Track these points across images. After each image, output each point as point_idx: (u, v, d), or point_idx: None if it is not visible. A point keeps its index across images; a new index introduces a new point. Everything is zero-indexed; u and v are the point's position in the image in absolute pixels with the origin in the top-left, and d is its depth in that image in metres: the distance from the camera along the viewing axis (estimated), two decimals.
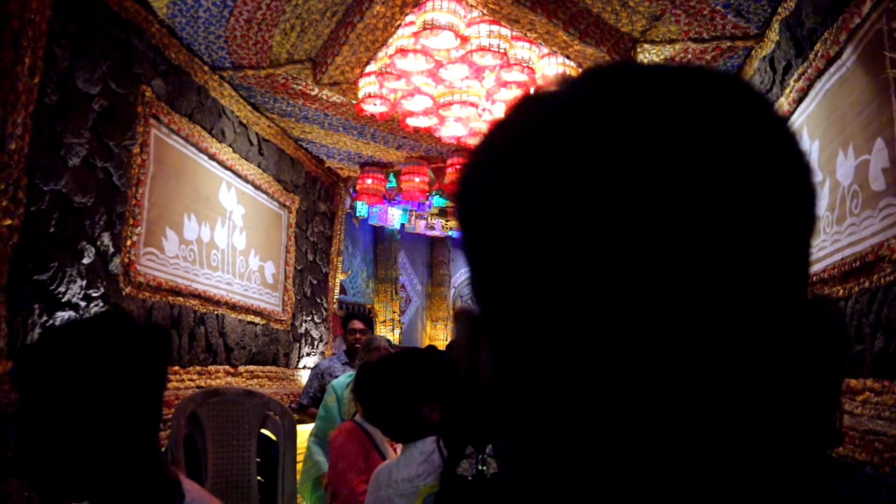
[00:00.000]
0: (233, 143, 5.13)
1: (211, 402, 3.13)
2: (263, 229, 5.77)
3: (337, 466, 2.67)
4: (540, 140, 0.36)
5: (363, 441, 2.68)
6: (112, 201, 3.80)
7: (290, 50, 4.50)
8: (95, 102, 3.66)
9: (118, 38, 3.83)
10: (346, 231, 9.85)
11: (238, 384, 5.13)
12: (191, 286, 4.58)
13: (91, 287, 3.60)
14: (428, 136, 5.81)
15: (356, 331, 5.31)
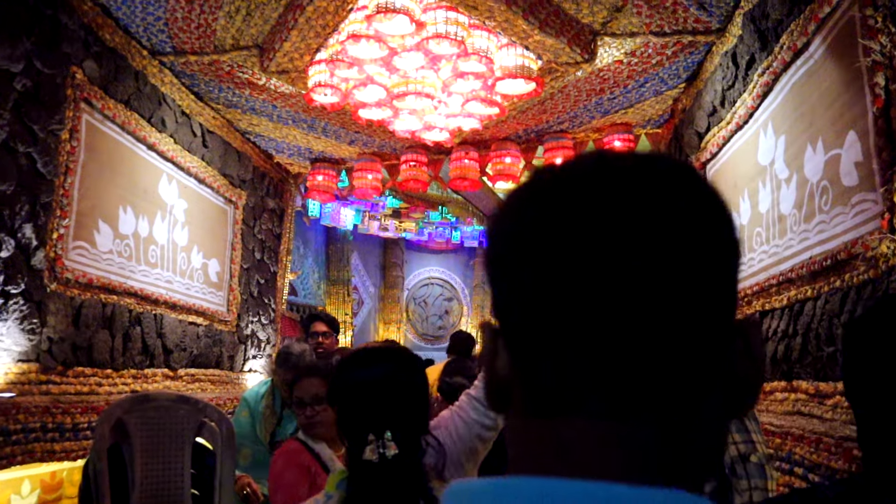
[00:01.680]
0: (174, 134, 4.85)
1: (140, 409, 2.87)
2: (208, 225, 5.49)
3: (275, 499, 2.42)
4: (544, 214, 0.52)
5: (308, 463, 2.41)
6: (36, 190, 3.50)
7: (235, 35, 4.24)
8: (17, 81, 3.36)
9: (43, 13, 3.54)
10: (298, 231, 9.58)
11: (178, 388, 4.84)
12: (126, 283, 4.29)
13: (10, 283, 3.31)
14: (382, 131, 5.60)
15: (319, 334, 4.82)
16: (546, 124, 5.55)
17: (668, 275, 0.49)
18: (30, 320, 3.45)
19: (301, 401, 2.63)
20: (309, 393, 2.61)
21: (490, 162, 5.95)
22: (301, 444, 2.55)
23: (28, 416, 3.19)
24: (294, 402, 2.68)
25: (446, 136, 4.99)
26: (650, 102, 5.06)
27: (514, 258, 0.53)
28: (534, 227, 0.52)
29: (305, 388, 2.63)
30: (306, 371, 2.74)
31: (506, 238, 0.55)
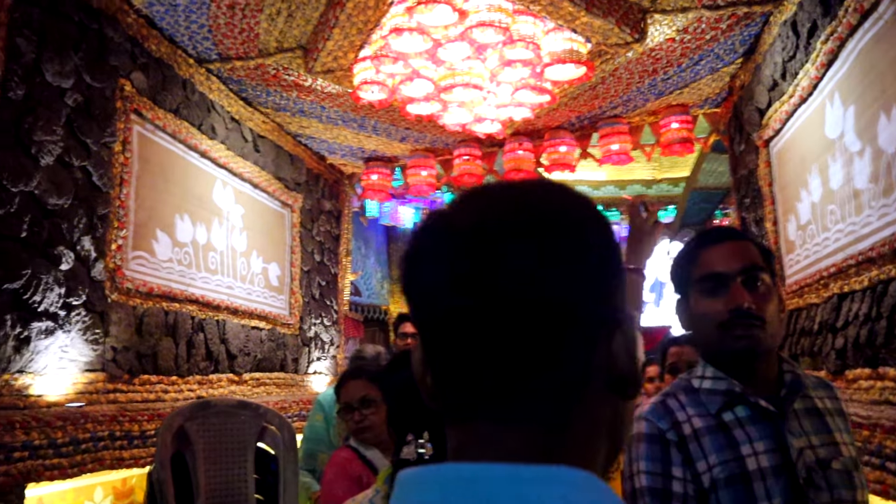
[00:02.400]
0: (225, 140, 4.88)
1: (201, 416, 2.87)
2: (265, 230, 5.52)
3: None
4: (422, 251, 0.64)
5: (358, 473, 2.32)
6: (93, 202, 3.55)
7: (278, 37, 4.23)
8: (68, 97, 3.41)
9: (90, 28, 3.58)
10: (358, 231, 9.60)
11: (243, 392, 4.88)
12: (187, 291, 4.33)
13: (71, 295, 3.36)
14: (432, 126, 5.53)
15: (408, 335, 4.44)
16: (599, 110, 5.39)
17: (507, 310, 0.57)
18: (93, 331, 3.50)
19: (348, 405, 2.52)
20: (355, 396, 2.50)
21: (545, 152, 5.82)
22: (352, 452, 2.47)
23: (96, 425, 3.23)
24: (341, 407, 2.57)
25: (498, 127, 4.89)
26: (706, 81, 4.85)
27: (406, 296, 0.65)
28: (407, 272, 0.65)
29: (351, 392, 2.53)
30: (351, 373, 2.63)
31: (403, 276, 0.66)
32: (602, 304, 0.61)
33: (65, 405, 3.24)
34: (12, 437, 2.75)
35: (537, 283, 0.56)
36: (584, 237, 0.60)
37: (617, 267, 0.64)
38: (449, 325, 0.59)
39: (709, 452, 1.38)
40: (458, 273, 0.58)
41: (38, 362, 3.15)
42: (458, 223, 0.60)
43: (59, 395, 3.25)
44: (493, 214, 0.59)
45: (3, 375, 2.98)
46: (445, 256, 0.59)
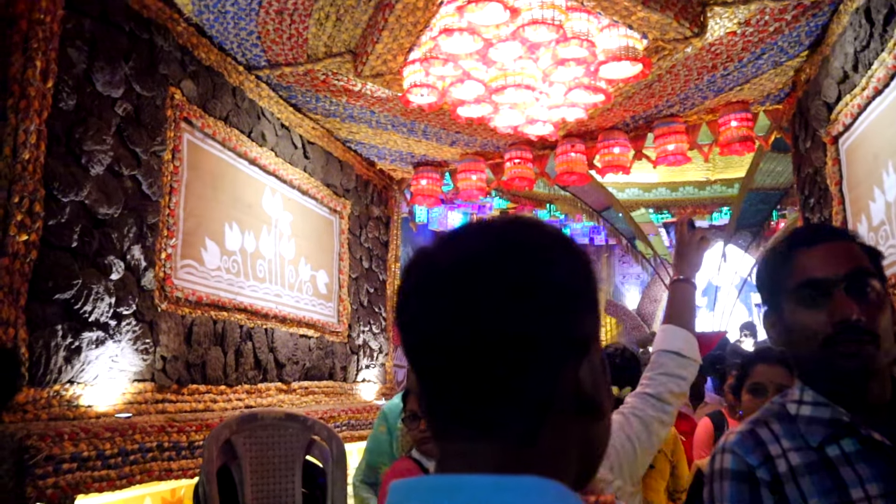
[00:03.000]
0: (275, 147, 4.85)
1: (248, 429, 2.81)
2: (314, 237, 5.48)
3: None
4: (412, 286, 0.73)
5: None
6: (142, 212, 3.53)
7: (327, 42, 4.18)
8: (118, 106, 3.40)
9: (140, 37, 3.57)
10: (406, 238, 9.54)
11: (292, 402, 4.83)
12: (235, 300, 4.30)
13: (121, 304, 3.34)
14: (482, 129, 5.43)
15: None
16: (655, 109, 5.21)
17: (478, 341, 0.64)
18: (143, 340, 3.48)
19: (413, 414, 2.43)
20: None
21: (598, 153, 5.66)
22: (414, 464, 2.36)
23: (144, 436, 3.20)
24: (406, 416, 2.48)
25: (550, 128, 4.76)
26: (768, 76, 4.64)
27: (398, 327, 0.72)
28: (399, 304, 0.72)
29: (416, 400, 2.42)
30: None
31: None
32: (568, 335, 0.68)
33: (114, 416, 3.22)
34: (61, 449, 2.72)
35: (504, 317, 0.64)
36: (551, 274, 0.67)
37: (586, 298, 0.71)
38: (430, 353, 0.68)
39: (809, 495, 1.17)
40: (437, 308, 0.66)
41: (88, 372, 3.14)
42: (439, 262, 0.69)
43: (109, 405, 3.24)
44: (468, 255, 0.68)
45: (53, 386, 2.97)
46: (426, 292, 0.68)
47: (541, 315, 0.65)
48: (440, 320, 0.66)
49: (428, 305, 0.68)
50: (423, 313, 0.68)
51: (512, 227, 0.71)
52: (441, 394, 0.68)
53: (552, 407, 0.66)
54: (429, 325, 0.67)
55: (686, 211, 11.19)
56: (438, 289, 0.67)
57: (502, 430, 0.65)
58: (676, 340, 1.81)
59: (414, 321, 0.69)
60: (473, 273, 0.66)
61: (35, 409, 2.86)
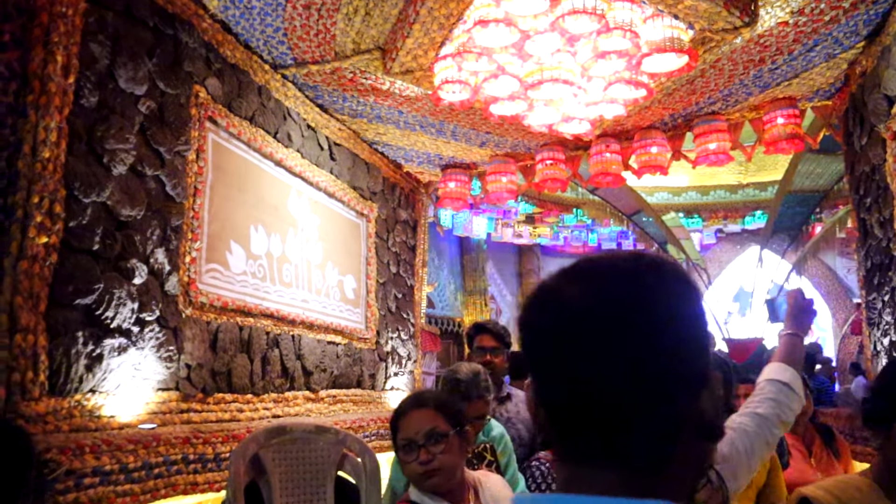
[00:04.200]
0: (301, 148, 4.71)
1: (276, 442, 2.65)
2: (340, 240, 5.33)
3: None
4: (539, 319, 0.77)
5: None
6: (166, 213, 3.40)
7: (355, 38, 4.03)
8: (141, 104, 3.27)
9: (164, 33, 3.45)
10: (432, 242, 9.40)
11: (320, 411, 4.68)
12: (261, 305, 4.15)
13: (144, 310, 3.20)
14: (514, 129, 5.26)
15: (487, 349, 3.81)
16: (695, 106, 5.01)
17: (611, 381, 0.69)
18: (167, 347, 3.34)
19: (410, 442, 1.97)
20: (420, 430, 1.96)
21: (634, 154, 5.46)
22: None
23: (169, 448, 3.05)
24: (399, 446, 2.02)
25: (587, 127, 4.57)
26: (819, 69, 4.42)
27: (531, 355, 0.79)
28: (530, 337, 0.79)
29: (414, 425, 1.99)
30: (412, 402, 2.08)
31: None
32: (695, 369, 0.72)
33: (137, 426, 3.07)
34: (82, 463, 2.58)
35: (636, 360, 0.68)
36: (684, 313, 0.72)
37: (703, 336, 0.74)
38: (567, 388, 0.71)
39: None
40: (577, 348, 0.70)
41: (110, 381, 3.00)
42: (574, 301, 0.73)
43: (132, 415, 3.10)
44: (606, 296, 0.71)
45: (74, 395, 2.83)
46: (560, 335, 0.72)
47: (675, 352, 0.70)
48: (578, 360, 0.70)
49: (567, 345, 0.72)
50: (562, 352, 0.72)
51: (642, 266, 0.75)
52: (574, 424, 0.72)
53: (679, 435, 0.70)
54: (568, 364, 0.71)
55: (718, 215, 10.95)
56: (578, 329, 0.71)
57: (632, 457, 0.70)
58: (785, 374, 1.91)
59: (550, 359, 0.74)
60: (600, 319, 0.70)
61: (55, 420, 2.72)
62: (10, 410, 2.56)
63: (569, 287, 0.75)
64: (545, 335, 0.74)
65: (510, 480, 2.91)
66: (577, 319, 0.71)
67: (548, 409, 0.76)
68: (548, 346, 0.74)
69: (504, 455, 3.05)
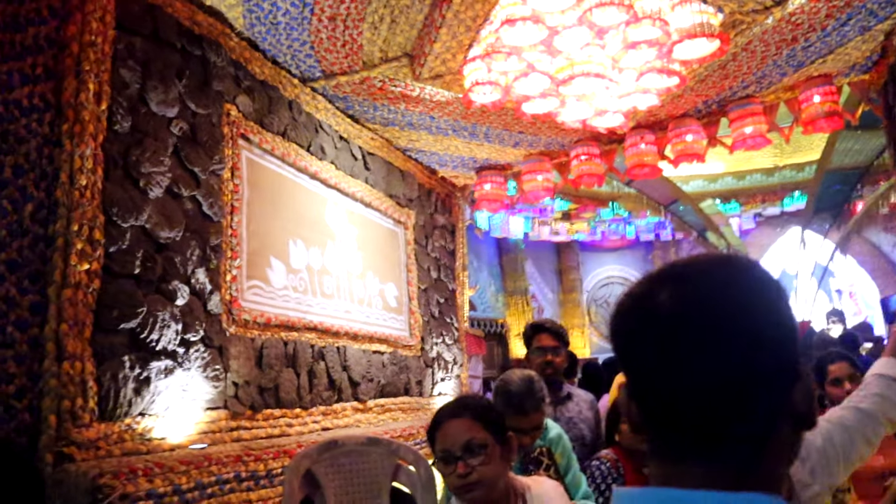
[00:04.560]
0: (334, 160, 4.71)
1: (328, 457, 2.63)
2: (379, 249, 5.32)
3: None
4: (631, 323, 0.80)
5: None
6: (204, 233, 3.41)
7: (382, 47, 4.01)
8: (174, 126, 3.29)
9: (192, 54, 3.47)
10: (470, 245, 9.36)
11: (368, 421, 4.66)
12: (305, 318, 4.15)
13: (188, 331, 3.21)
14: (547, 127, 5.19)
15: (547, 349, 3.64)
16: (729, 91, 4.89)
17: (707, 382, 0.72)
18: (213, 366, 3.35)
19: (448, 454, 1.87)
20: (457, 441, 1.85)
21: (669, 143, 5.36)
22: None
23: (221, 467, 3.05)
24: (438, 457, 1.92)
25: (620, 119, 4.49)
26: (854, 43, 4.27)
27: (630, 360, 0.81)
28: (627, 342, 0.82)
29: (451, 436, 1.88)
30: (448, 412, 1.96)
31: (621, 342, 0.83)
32: (788, 365, 0.75)
33: (188, 447, 3.08)
34: (136, 486, 2.59)
35: (730, 360, 0.71)
36: (776, 314, 0.74)
37: (792, 332, 0.75)
38: (660, 391, 0.74)
39: None
40: (665, 354, 0.73)
41: (158, 403, 3.02)
42: (661, 309, 0.74)
43: (183, 437, 3.11)
44: (686, 304, 0.74)
45: (124, 420, 2.85)
46: (653, 340, 0.74)
47: (767, 350, 0.72)
48: (673, 363, 0.72)
49: (661, 349, 0.74)
50: (657, 356, 0.74)
51: (729, 268, 0.78)
52: (670, 422, 0.75)
53: (775, 428, 0.74)
54: (662, 367, 0.73)
55: (755, 199, 10.73)
56: (671, 333, 0.73)
57: (730, 453, 0.72)
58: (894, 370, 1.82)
59: (645, 363, 0.76)
60: (705, 318, 0.72)
61: (107, 444, 2.74)
62: (62, 437, 2.58)
63: (659, 292, 0.76)
64: (638, 340, 0.77)
65: (571, 483, 2.81)
66: (669, 324, 0.73)
67: (643, 408, 0.78)
68: (642, 351, 0.76)
69: (563, 457, 2.91)
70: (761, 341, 0.72)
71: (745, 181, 10.29)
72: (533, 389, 2.71)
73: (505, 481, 1.90)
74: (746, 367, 0.71)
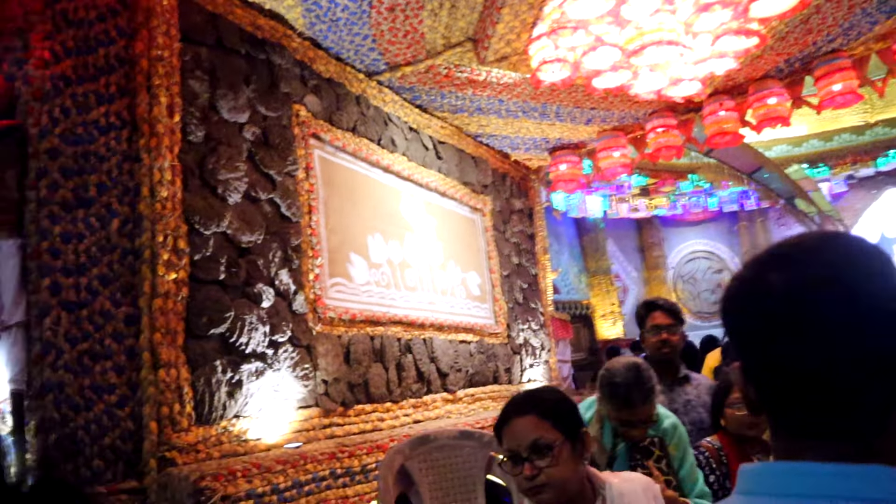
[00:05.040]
0: (406, 152, 4.69)
1: (421, 452, 2.61)
2: (458, 238, 5.28)
3: None
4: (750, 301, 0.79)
5: None
6: (285, 235, 3.44)
7: (444, 33, 3.96)
8: (246, 131, 3.33)
9: (258, 59, 3.50)
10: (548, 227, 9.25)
11: (459, 411, 4.64)
12: (389, 312, 4.16)
13: (276, 332, 3.25)
14: (620, 101, 5.04)
15: (662, 327, 3.36)
16: (813, 47, 4.63)
17: (821, 361, 0.72)
18: (302, 366, 3.38)
19: (514, 454, 1.69)
20: (523, 441, 1.67)
21: (750, 108, 5.12)
22: None
23: (316, 465, 3.08)
24: (505, 456, 1.73)
25: (697, 87, 4.31)
26: None
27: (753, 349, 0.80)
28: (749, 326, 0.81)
29: (517, 435, 1.69)
30: (514, 408, 1.75)
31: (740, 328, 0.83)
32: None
33: (283, 447, 3.12)
34: (236, 488, 2.63)
35: (847, 340, 0.71)
36: (880, 296, 0.73)
37: None
38: (776, 372, 0.76)
39: None
40: (781, 336, 0.74)
41: (252, 405, 3.06)
42: (774, 290, 0.76)
43: (278, 436, 3.15)
44: (800, 284, 0.74)
45: (221, 423, 2.91)
46: (768, 322, 0.76)
47: (884, 328, 0.71)
48: (789, 344, 0.73)
49: (776, 331, 0.74)
50: (772, 338, 0.75)
51: (837, 245, 0.78)
52: (787, 401, 0.76)
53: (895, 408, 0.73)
54: (778, 348, 0.74)
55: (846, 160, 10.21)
56: (786, 314, 0.74)
57: (850, 428, 0.73)
58: None
59: (761, 345, 0.77)
60: (820, 298, 0.73)
61: (206, 447, 2.80)
62: (164, 443, 2.65)
63: (770, 274, 0.77)
64: (752, 322, 0.77)
65: (686, 477, 2.55)
66: (784, 305, 0.74)
67: (759, 388, 0.79)
68: (756, 333, 0.77)
69: (677, 448, 2.61)
70: (875, 317, 0.71)
71: (833, 142, 9.79)
72: (641, 379, 2.40)
73: (580, 478, 1.75)
74: (862, 346, 0.71)
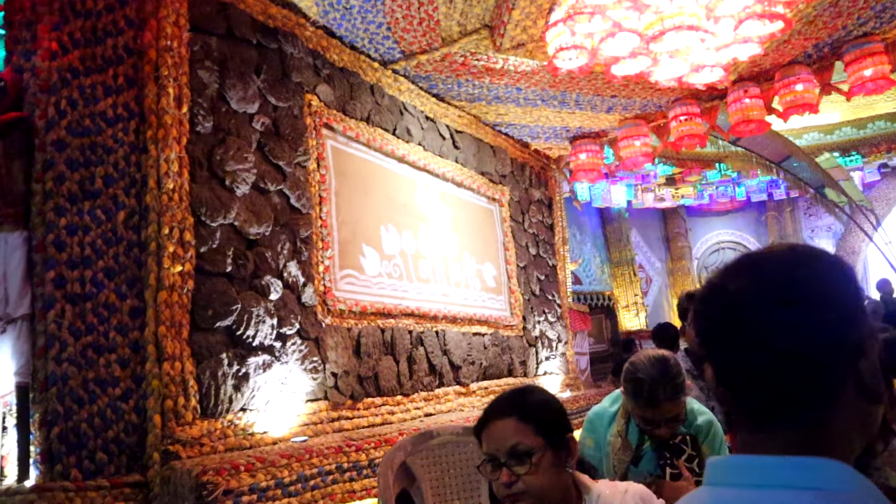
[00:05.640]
0: (422, 141, 4.63)
1: (423, 449, 2.56)
2: (474, 229, 5.22)
3: None
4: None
5: None
6: (294, 226, 3.41)
7: (459, 20, 3.88)
8: (256, 122, 3.29)
9: (269, 48, 3.45)
10: (571, 218, 9.12)
11: (472, 404, 4.59)
12: (401, 304, 4.11)
13: (284, 324, 3.22)
14: (641, 88, 4.93)
15: None
16: (843, 30, 4.48)
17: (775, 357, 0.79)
18: (310, 359, 3.35)
19: (493, 459, 1.62)
20: (501, 445, 1.61)
21: (776, 95, 4.98)
22: None
23: (322, 459, 3.05)
24: (483, 460, 1.67)
25: (720, 73, 4.19)
26: None
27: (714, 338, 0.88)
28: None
29: (498, 438, 1.63)
30: (494, 409, 1.68)
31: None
32: (845, 342, 0.80)
33: (290, 440, 3.10)
34: (238, 482, 2.61)
35: (796, 338, 0.78)
36: (828, 300, 0.80)
37: (857, 312, 0.83)
38: (737, 369, 0.83)
39: None
40: (740, 335, 0.82)
41: (258, 398, 3.04)
42: (733, 295, 0.84)
43: (285, 429, 3.13)
44: (755, 289, 0.82)
45: (226, 416, 2.89)
46: (728, 323, 0.83)
47: (830, 328, 0.78)
48: (746, 342, 0.80)
49: (735, 331, 0.81)
50: (733, 338, 0.82)
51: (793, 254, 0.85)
52: (748, 396, 0.82)
53: (839, 396, 0.79)
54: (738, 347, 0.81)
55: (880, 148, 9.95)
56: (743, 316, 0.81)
57: (797, 420, 0.79)
58: None
59: (724, 345, 0.83)
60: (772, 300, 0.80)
61: (210, 441, 2.78)
62: (167, 436, 2.64)
63: (731, 280, 0.84)
64: (716, 324, 0.84)
65: None
66: (740, 308, 0.81)
67: (727, 387, 0.84)
68: (721, 334, 0.83)
69: (711, 448, 2.44)
70: (822, 319, 0.78)
71: (866, 130, 9.54)
72: (668, 374, 2.23)
73: (564, 486, 1.65)
74: (809, 342, 0.77)
